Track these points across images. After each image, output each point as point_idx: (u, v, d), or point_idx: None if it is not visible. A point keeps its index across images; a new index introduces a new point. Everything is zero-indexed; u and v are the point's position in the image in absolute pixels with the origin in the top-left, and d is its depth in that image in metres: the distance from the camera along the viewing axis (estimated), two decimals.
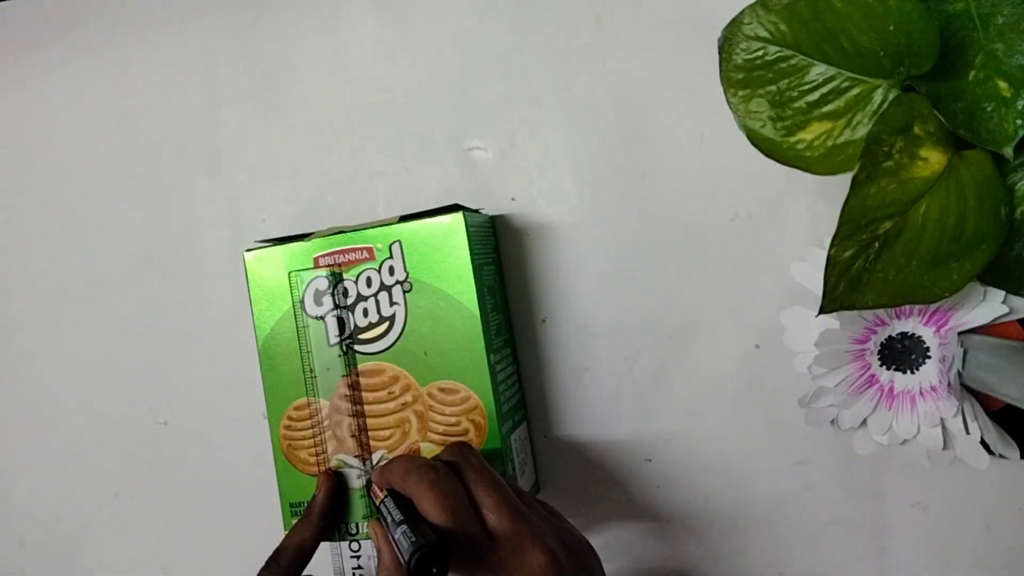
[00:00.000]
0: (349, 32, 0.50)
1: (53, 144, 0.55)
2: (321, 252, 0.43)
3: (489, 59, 0.48)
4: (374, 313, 0.43)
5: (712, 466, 0.45)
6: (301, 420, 0.43)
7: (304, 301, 0.43)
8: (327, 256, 0.43)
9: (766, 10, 0.38)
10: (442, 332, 0.42)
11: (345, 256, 0.43)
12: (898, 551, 0.43)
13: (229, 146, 0.52)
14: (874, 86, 0.37)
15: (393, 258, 0.42)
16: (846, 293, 0.36)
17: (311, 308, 0.43)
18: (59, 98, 0.55)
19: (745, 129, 0.39)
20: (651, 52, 0.46)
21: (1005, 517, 0.42)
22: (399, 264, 0.42)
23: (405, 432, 0.42)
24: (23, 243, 0.56)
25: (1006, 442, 0.40)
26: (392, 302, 0.42)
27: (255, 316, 0.44)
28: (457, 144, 0.48)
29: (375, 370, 0.43)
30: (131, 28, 0.54)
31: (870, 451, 0.43)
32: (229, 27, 0.52)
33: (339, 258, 0.43)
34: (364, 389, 0.43)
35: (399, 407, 0.42)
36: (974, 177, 0.35)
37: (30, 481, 0.56)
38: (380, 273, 0.42)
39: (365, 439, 0.43)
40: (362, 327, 0.43)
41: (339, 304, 0.43)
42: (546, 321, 0.47)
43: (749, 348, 0.45)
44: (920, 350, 0.41)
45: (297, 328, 0.43)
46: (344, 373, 0.43)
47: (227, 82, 0.52)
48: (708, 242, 0.45)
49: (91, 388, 0.55)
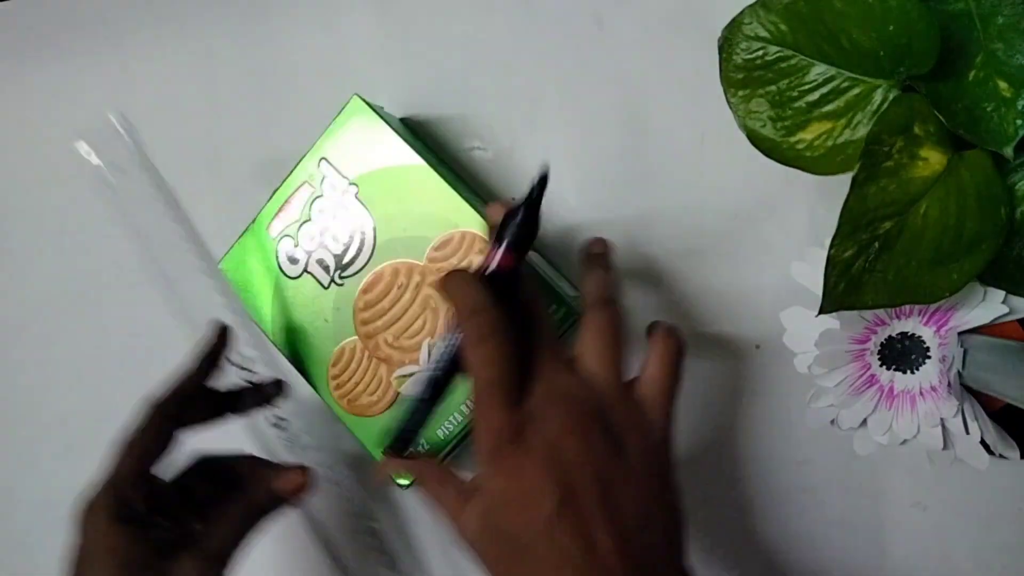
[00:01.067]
0: (348, 32, 0.50)
1: (53, 144, 0.55)
2: (270, 220, 0.45)
3: (489, 59, 0.48)
4: (343, 234, 0.44)
5: (712, 466, 0.45)
6: (343, 371, 0.44)
7: (282, 268, 0.45)
8: (276, 220, 0.45)
9: (766, 10, 0.38)
10: (406, 201, 0.43)
11: (290, 206, 0.44)
12: (898, 551, 0.43)
13: (229, 146, 0.52)
14: (874, 86, 0.37)
15: (326, 175, 0.44)
16: (846, 293, 0.36)
17: (291, 270, 0.44)
18: (59, 98, 0.55)
19: (745, 129, 0.39)
20: (651, 52, 0.46)
21: (1005, 517, 0.42)
22: (334, 175, 0.44)
23: (433, 309, 0.43)
24: (23, 243, 0.56)
25: (1006, 442, 0.40)
26: (350, 213, 0.43)
27: (256, 313, 0.45)
28: (457, 144, 0.48)
29: (375, 279, 0.43)
30: (131, 28, 0.54)
31: (870, 451, 0.43)
32: (229, 27, 0.52)
33: (287, 213, 0.44)
34: (376, 301, 0.43)
35: (414, 293, 0.43)
36: (974, 177, 0.35)
37: (30, 481, 0.56)
38: (325, 197, 0.44)
39: (407, 341, 0.43)
40: (341, 253, 0.44)
41: (310, 250, 0.44)
42: None
43: (749, 348, 0.45)
44: (920, 350, 0.41)
45: (288, 298, 0.44)
46: (351, 303, 0.44)
47: (227, 82, 0.52)
48: (708, 242, 0.45)
49: (91, 388, 0.55)
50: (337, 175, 0.43)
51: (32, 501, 0.56)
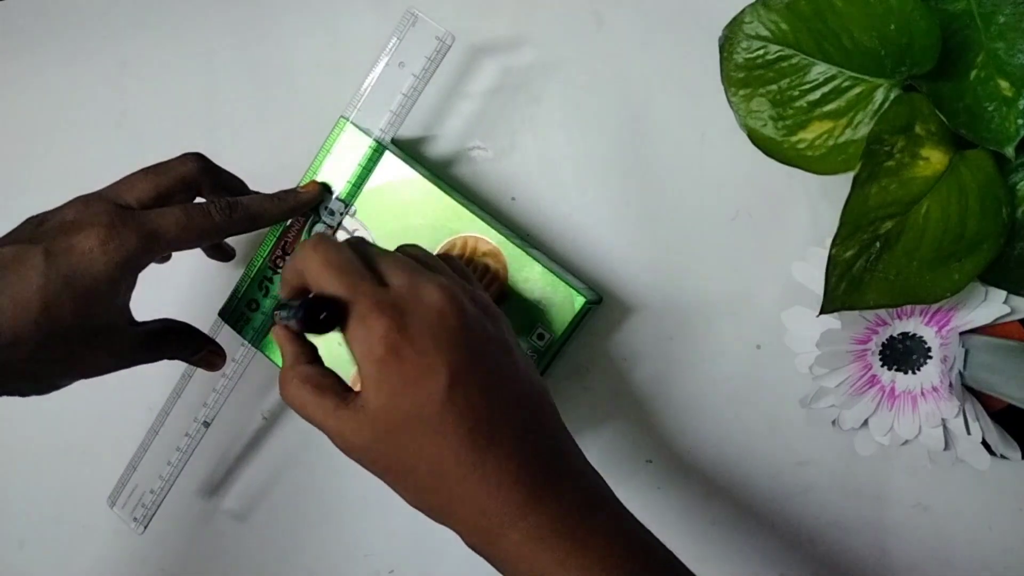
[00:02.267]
0: (349, 32, 0.50)
1: (53, 144, 0.55)
2: (268, 252, 0.45)
3: (489, 59, 0.48)
4: None
5: (712, 466, 0.45)
6: None
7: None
8: (275, 251, 0.45)
9: (767, 9, 0.38)
10: (405, 216, 0.43)
11: (289, 235, 0.44)
12: (899, 551, 0.43)
13: (228, 146, 0.52)
14: (875, 85, 0.37)
15: (325, 201, 0.44)
16: (847, 293, 0.36)
17: None
18: (59, 98, 0.55)
19: (746, 128, 0.39)
20: (651, 52, 0.46)
21: (1006, 517, 0.42)
22: (332, 200, 0.44)
23: None
24: None
25: (1007, 442, 0.40)
26: (351, 233, 0.43)
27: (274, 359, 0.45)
28: (457, 144, 0.48)
29: None
30: (131, 28, 0.54)
31: (871, 452, 0.43)
32: (229, 27, 0.52)
33: (287, 239, 0.44)
34: None
35: None
36: (975, 177, 0.35)
37: (30, 481, 0.56)
38: (324, 222, 0.44)
39: None
40: None
41: None
42: None
43: (750, 348, 0.44)
44: (921, 350, 0.41)
45: None
46: None
47: (227, 82, 0.52)
48: (708, 242, 0.45)
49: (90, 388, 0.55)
50: (334, 199, 0.44)
51: (32, 501, 0.56)
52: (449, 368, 0.31)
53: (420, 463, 0.32)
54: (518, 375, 0.34)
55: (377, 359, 0.31)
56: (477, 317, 0.33)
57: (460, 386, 0.31)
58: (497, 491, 0.31)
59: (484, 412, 0.32)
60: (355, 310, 0.32)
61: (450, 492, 0.32)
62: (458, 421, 0.31)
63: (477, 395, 0.32)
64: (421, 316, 0.32)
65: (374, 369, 0.31)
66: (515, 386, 0.33)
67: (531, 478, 0.32)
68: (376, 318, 0.31)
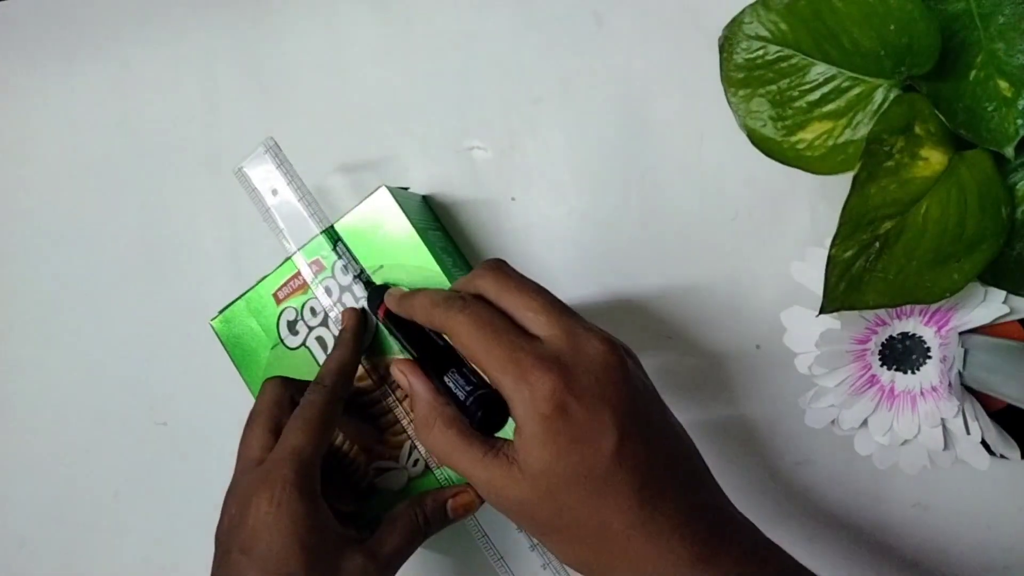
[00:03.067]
0: (348, 32, 0.50)
1: (53, 144, 0.55)
2: (277, 287, 0.44)
3: (489, 59, 0.48)
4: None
5: (712, 466, 0.45)
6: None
7: (282, 337, 0.44)
8: (283, 288, 0.44)
9: (767, 9, 0.38)
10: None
11: (298, 279, 0.43)
12: (899, 551, 0.43)
13: (229, 146, 0.52)
14: (875, 86, 0.37)
15: (341, 257, 0.43)
16: (847, 293, 0.36)
17: (289, 340, 0.44)
18: (59, 98, 0.55)
19: (745, 129, 0.39)
20: (651, 52, 0.46)
21: (1006, 517, 0.42)
22: (349, 259, 0.43)
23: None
24: (22, 243, 0.56)
25: (1007, 442, 0.40)
26: (357, 299, 0.42)
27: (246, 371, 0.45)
28: (457, 144, 0.48)
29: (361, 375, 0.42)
30: (131, 28, 0.54)
31: (871, 451, 0.43)
32: (229, 27, 0.52)
33: (294, 283, 0.44)
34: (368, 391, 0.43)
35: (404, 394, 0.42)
36: (975, 177, 0.35)
37: (30, 481, 0.56)
38: (335, 278, 0.43)
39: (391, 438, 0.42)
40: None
41: (312, 326, 0.43)
42: None
43: (749, 348, 0.44)
44: (921, 350, 0.41)
45: (284, 366, 0.44)
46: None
47: (227, 82, 0.52)
48: (708, 242, 0.45)
49: (90, 388, 0.55)
50: (351, 259, 0.43)
51: (33, 501, 0.56)
52: (618, 425, 0.30)
53: (583, 522, 0.31)
54: (672, 427, 0.33)
55: (543, 417, 0.30)
56: (635, 369, 0.32)
57: (629, 443, 0.30)
58: (667, 549, 0.30)
59: (651, 469, 0.31)
60: (516, 368, 0.30)
61: (612, 551, 0.31)
62: (628, 479, 0.30)
63: (644, 451, 0.31)
64: (586, 370, 0.31)
65: (540, 428, 0.30)
66: (672, 439, 0.32)
67: (698, 533, 0.31)
68: (541, 375, 0.30)
